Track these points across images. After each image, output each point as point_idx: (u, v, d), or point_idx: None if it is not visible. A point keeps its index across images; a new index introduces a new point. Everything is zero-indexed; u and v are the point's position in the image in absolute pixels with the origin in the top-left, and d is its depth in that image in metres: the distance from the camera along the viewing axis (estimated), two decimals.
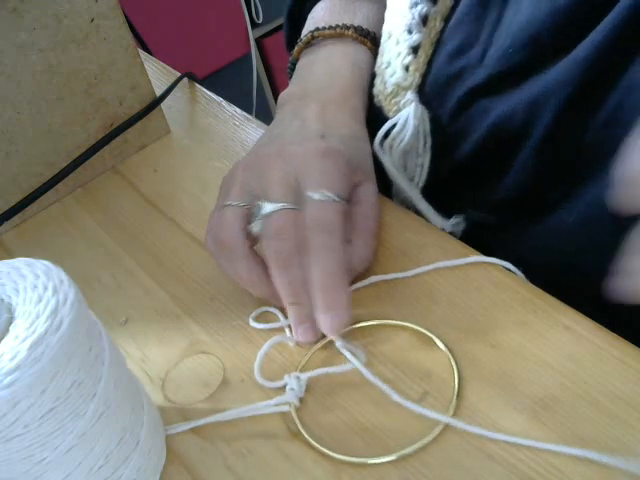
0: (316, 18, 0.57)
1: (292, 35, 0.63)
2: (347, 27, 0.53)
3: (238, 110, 0.61)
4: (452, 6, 0.47)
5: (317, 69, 0.53)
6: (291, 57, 0.56)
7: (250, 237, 0.41)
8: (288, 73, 0.57)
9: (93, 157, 0.56)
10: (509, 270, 0.41)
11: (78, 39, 0.51)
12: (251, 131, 0.58)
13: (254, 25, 1.71)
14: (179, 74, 0.65)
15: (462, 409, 0.35)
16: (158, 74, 0.67)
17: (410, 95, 0.47)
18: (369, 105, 0.51)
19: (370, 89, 0.51)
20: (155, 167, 0.57)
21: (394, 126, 0.47)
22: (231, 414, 0.37)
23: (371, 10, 0.56)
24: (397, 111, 0.48)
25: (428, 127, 0.47)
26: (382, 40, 0.50)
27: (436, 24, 0.47)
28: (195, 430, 0.38)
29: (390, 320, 0.40)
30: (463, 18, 0.46)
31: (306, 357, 0.40)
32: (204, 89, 0.65)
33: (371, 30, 0.54)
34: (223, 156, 0.56)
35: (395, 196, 0.51)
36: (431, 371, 0.37)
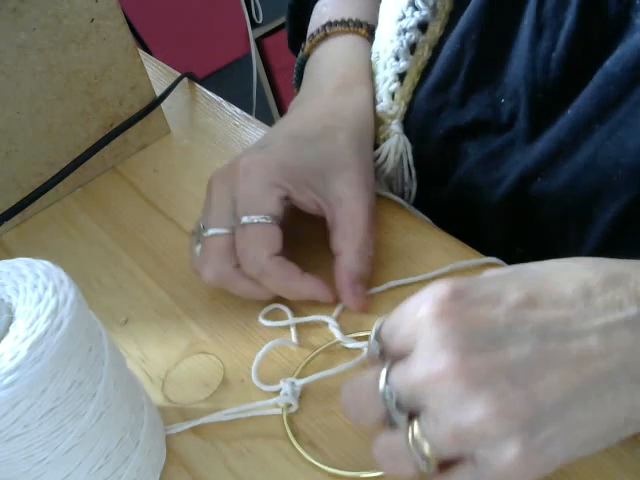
0: (324, 12, 0.56)
1: (295, 32, 0.63)
2: (360, 24, 0.52)
3: (238, 110, 0.61)
4: (441, 36, 0.47)
5: (326, 61, 0.52)
6: (301, 53, 0.55)
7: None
8: (296, 69, 0.56)
9: (93, 157, 0.55)
10: None
11: (78, 39, 0.51)
12: (251, 131, 0.58)
13: (254, 25, 1.71)
14: (179, 74, 0.65)
15: None
16: (158, 74, 0.67)
17: (395, 126, 0.47)
18: None
19: None
20: (155, 167, 0.57)
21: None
22: (228, 413, 0.37)
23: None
24: (383, 140, 0.48)
25: (411, 159, 0.47)
26: (372, 58, 0.50)
27: (424, 53, 0.47)
28: (195, 430, 0.38)
29: None
30: (445, 52, 0.46)
31: (304, 362, 0.40)
32: (204, 89, 0.65)
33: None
34: (223, 156, 0.56)
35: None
36: None
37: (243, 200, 0.41)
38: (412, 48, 0.47)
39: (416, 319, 0.28)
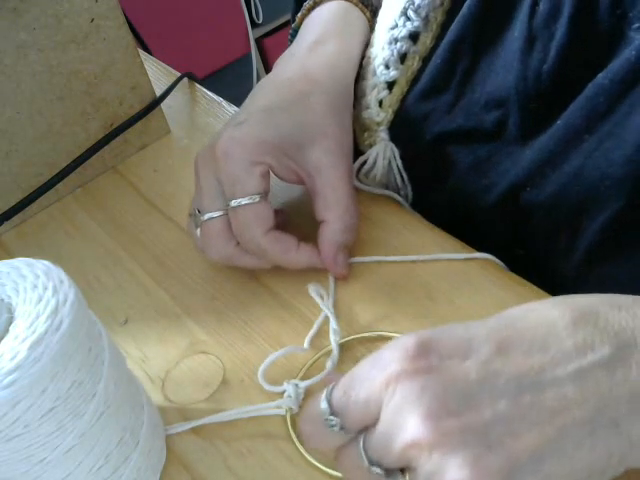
0: None
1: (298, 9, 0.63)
2: None
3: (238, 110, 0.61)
4: (432, 47, 0.47)
5: (308, 24, 0.52)
6: (294, 25, 0.55)
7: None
8: (289, 41, 0.56)
9: (93, 157, 0.55)
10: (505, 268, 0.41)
11: (78, 39, 0.51)
12: None
13: (254, 25, 1.71)
14: (179, 74, 0.65)
15: None
16: (158, 74, 0.67)
17: (382, 133, 0.48)
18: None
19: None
20: (155, 167, 0.57)
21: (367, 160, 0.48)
22: (231, 414, 0.37)
23: None
24: (369, 145, 0.48)
25: (400, 163, 0.48)
26: (363, 62, 0.50)
27: (414, 63, 0.47)
28: (195, 430, 0.38)
29: (387, 332, 0.40)
30: (435, 61, 0.46)
31: (308, 364, 0.40)
32: (204, 89, 0.65)
33: (374, 3, 0.53)
34: None
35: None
36: None
37: (228, 183, 0.41)
38: (402, 58, 0.47)
39: (384, 377, 0.27)
